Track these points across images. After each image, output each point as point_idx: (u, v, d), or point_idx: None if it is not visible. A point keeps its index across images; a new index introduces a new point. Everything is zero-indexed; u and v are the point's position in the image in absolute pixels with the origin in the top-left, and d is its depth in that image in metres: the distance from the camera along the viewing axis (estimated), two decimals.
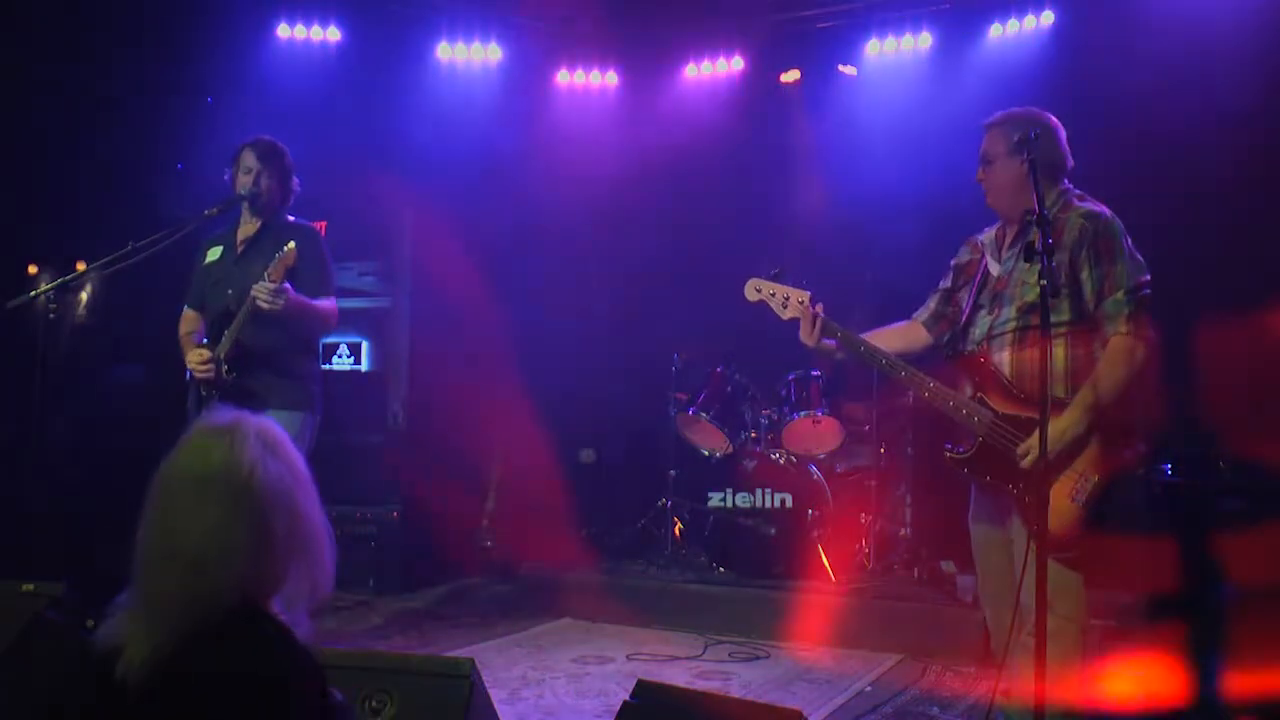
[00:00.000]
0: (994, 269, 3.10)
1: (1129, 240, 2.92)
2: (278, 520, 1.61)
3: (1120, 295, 2.83)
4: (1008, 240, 3.11)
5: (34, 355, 4.32)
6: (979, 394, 2.97)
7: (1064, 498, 2.77)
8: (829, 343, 3.16)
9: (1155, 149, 5.33)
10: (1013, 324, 2.96)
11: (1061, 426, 2.76)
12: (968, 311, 3.13)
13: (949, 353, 3.11)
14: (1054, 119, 3.07)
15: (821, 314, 3.14)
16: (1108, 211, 2.95)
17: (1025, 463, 2.81)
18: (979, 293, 3.10)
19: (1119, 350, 2.81)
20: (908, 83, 6.46)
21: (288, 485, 1.64)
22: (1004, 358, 2.98)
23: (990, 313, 3.05)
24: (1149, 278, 2.91)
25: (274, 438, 1.68)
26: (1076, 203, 2.97)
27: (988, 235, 3.19)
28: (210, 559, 1.55)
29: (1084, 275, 2.87)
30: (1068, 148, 3.03)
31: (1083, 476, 2.79)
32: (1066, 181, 3.06)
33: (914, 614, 5.03)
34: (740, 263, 3.45)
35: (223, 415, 1.67)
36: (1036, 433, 2.69)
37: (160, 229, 3.94)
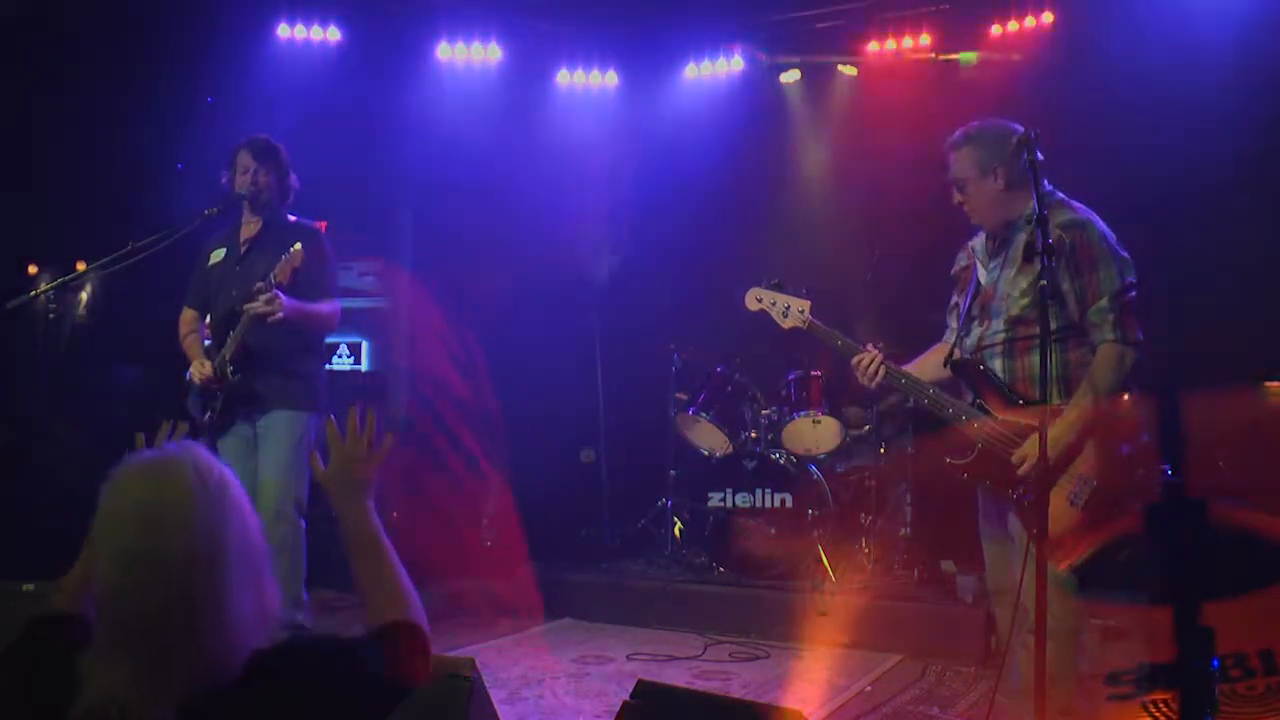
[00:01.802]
0: (982, 278, 3.11)
1: (1111, 241, 2.91)
2: (249, 527, 1.56)
3: (1103, 302, 2.84)
4: (992, 249, 3.12)
5: (34, 355, 4.33)
6: (978, 401, 2.99)
7: (1062, 502, 2.79)
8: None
9: (1155, 150, 5.33)
10: (1002, 335, 2.99)
11: (1055, 434, 2.76)
12: (962, 321, 3.16)
13: (948, 361, 3.13)
14: (1011, 123, 3.03)
15: (881, 357, 3.13)
16: (1086, 216, 2.94)
17: (1022, 470, 2.84)
18: (971, 302, 3.12)
19: (1107, 357, 2.84)
20: (907, 83, 6.46)
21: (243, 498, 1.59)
22: (996, 367, 3.00)
23: (980, 324, 3.07)
24: (1134, 279, 2.91)
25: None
26: (1057, 209, 2.95)
27: (978, 241, 3.20)
28: (196, 566, 1.47)
29: (1065, 286, 2.88)
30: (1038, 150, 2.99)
31: (1082, 480, 2.80)
32: (1046, 183, 2.99)
33: (914, 614, 5.03)
34: (740, 262, 3.48)
35: (156, 451, 1.58)
36: (1030, 440, 2.76)
37: (160, 229, 3.95)
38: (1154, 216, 5.26)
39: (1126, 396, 2.83)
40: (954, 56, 6.34)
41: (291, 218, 4.22)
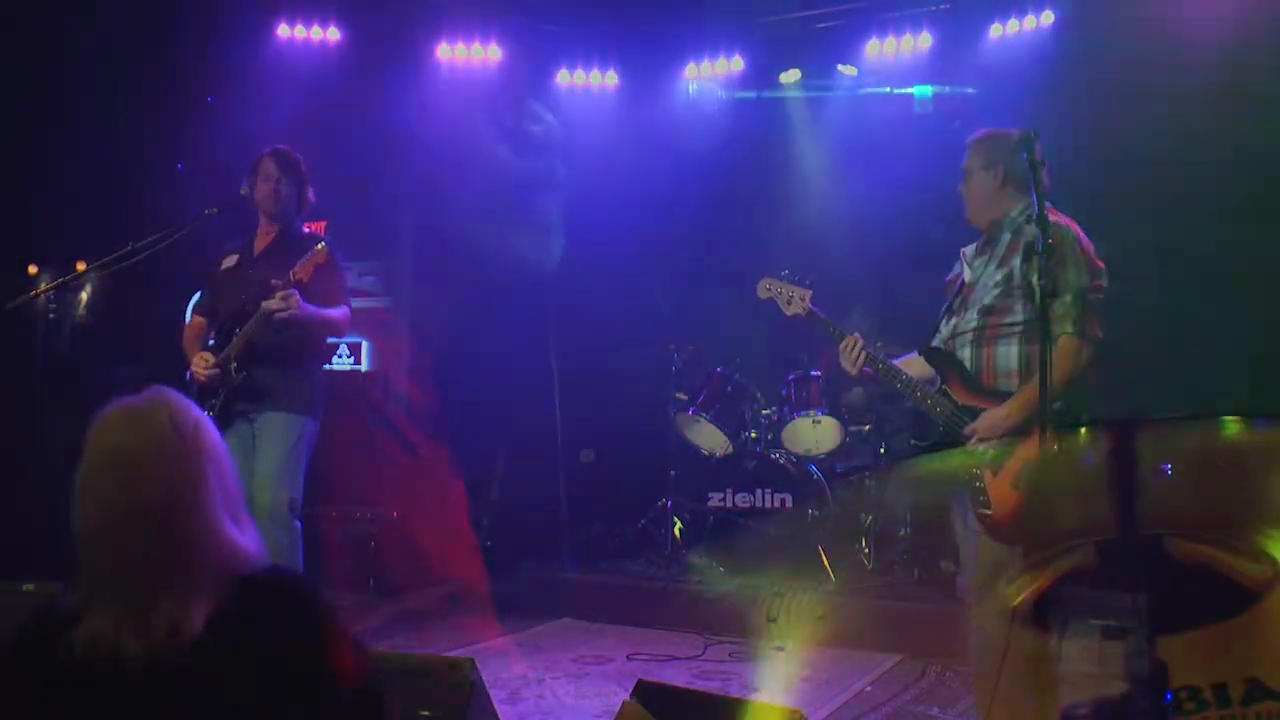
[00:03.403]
0: (967, 276, 3.23)
1: (1085, 248, 3.01)
2: (225, 468, 1.63)
3: (1068, 298, 2.93)
4: (979, 248, 3.24)
5: (34, 355, 4.33)
6: (944, 387, 3.10)
7: (1006, 484, 2.86)
8: (866, 370, 3.26)
9: (1153, 148, 5.33)
10: (973, 324, 3.09)
11: (1001, 414, 2.91)
12: (942, 314, 3.26)
13: (922, 349, 3.23)
14: (1030, 137, 3.09)
15: (862, 343, 3.24)
16: (1065, 223, 3.05)
17: (971, 444, 2.94)
18: (954, 298, 3.24)
19: (1063, 349, 2.92)
20: (906, 83, 6.46)
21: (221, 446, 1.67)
22: (965, 355, 3.11)
23: (958, 315, 3.18)
24: (1104, 283, 2.99)
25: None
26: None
27: (969, 247, 3.31)
28: (177, 506, 1.54)
29: (1034, 280, 2.92)
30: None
31: (1025, 465, 2.84)
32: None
33: (914, 614, 5.03)
34: (740, 262, 3.51)
35: (135, 397, 1.65)
36: (981, 416, 2.94)
37: (160, 229, 3.95)
38: (1153, 216, 5.28)
39: (1083, 431, 2.88)
40: (909, 90, 6.39)
41: (306, 229, 4.28)
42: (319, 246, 3.90)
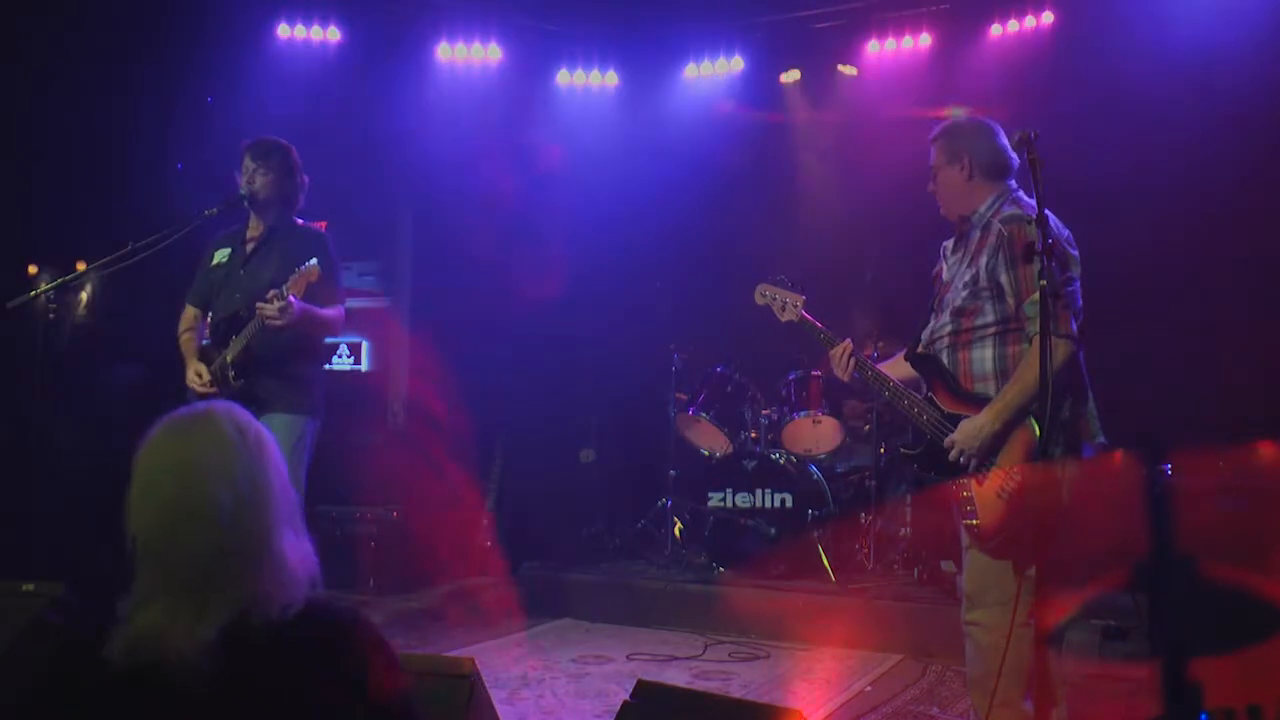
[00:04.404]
0: (944, 274, 3.17)
1: (1054, 238, 2.86)
2: (285, 478, 1.64)
3: (1035, 295, 2.79)
4: (954, 245, 3.17)
5: (34, 355, 4.33)
6: (930, 394, 3.05)
7: (993, 493, 2.83)
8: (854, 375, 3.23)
9: (1154, 150, 5.33)
10: (948, 328, 3.03)
11: (979, 424, 2.85)
12: (927, 316, 3.20)
13: (908, 354, 3.18)
14: (990, 121, 3.11)
15: (851, 349, 3.21)
16: (1030, 213, 2.91)
17: (951, 456, 2.90)
18: (933, 297, 3.18)
19: (1039, 349, 2.77)
20: (907, 83, 6.46)
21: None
22: (944, 360, 3.05)
23: (936, 317, 3.13)
24: (1074, 274, 2.91)
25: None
26: (1007, 207, 2.99)
27: (949, 241, 3.25)
28: (243, 513, 1.55)
29: (1003, 279, 2.91)
30: (1009, 148, 3.01)
31: (1010, 474, 2.83)
32: (1012, 181, 3.06)
33: (914, 614, 5.03)
34: (740, 262, 3.50)
35: (188, 409, 1.65)
36: (960, 428, 2.88)
37: (160, 229, 3.94)
38: (1154, 216, 5.28)
39: (1118, 455, 2.83)
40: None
41: (299, 221, 4.19)
42: (310, 264, 3.75)
